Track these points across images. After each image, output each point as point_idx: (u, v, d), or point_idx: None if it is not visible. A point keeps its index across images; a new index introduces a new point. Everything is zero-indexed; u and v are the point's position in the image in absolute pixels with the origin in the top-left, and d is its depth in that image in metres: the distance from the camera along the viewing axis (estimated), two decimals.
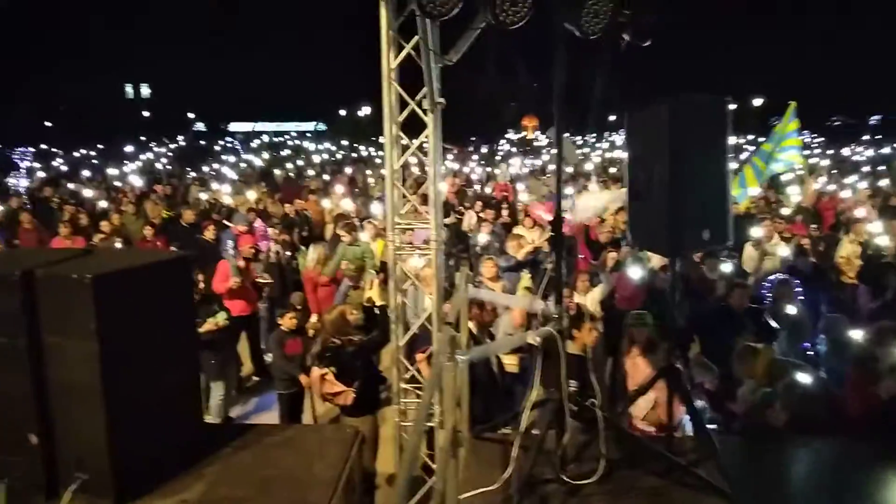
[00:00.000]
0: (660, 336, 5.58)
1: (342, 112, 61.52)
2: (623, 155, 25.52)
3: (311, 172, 25.52)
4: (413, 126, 4.93)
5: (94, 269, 2.90)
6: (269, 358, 8.45)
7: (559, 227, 3.35)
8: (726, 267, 8.17)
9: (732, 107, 3.83)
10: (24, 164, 32.59)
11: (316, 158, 34.26)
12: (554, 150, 4.05)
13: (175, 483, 3.15)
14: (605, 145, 40.43)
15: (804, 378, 4.65)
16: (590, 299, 7.21)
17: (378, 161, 30.62)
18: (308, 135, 62.12)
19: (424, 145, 4.89)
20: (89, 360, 2.85)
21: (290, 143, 50.70)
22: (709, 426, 4.12)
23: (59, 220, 11.74)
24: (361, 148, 41.74)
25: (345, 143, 46.53)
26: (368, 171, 23.88)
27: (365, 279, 8.43)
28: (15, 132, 43.82)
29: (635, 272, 7.29)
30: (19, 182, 22.11)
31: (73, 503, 2.90)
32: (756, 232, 9.56)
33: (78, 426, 2.96)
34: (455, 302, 4.06)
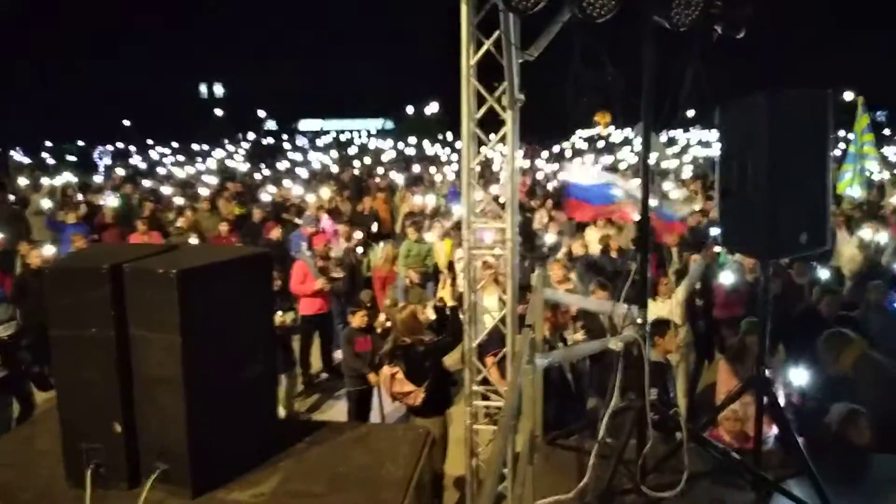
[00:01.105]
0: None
1: (409, 110, 62.05)
2: (702, 153, 24.82)
3: (380, 171, 25.78)
4: (486, 123, 4.86)
5: (179, 264, 2.93)
6: (338, 355, 8.57)
7: (645, 228, 3.21)
8: (816, 272, 7.83)
9: None
10: (103, 162, 34.07)
11: (385, 157, 34.57)
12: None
13: (251, 475, 3.16)
14: (683, 141, 39.18)
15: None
16: (674, 301, 6.96)
17: (443, 159, 30.71)
18: (374, 132, 62.93)
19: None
20: (172, 352, 2.89)
21: (356, 141, 51.39)
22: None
23: (138, 215, 12.24)
24: (428, 145, 41.92)
25: (412, 140, 46.90)
26: (433, 169, 23.98)
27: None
28: (95, 131, 45.84)
29: (727, 276, 7.02)
30: (99, 180, 23.09)
31: (154, 491, 2.94)
32: (865, 233, 9.21)
33: (160, 417, 3.00)
34: (532, 304, 3.96)
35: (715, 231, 9.76)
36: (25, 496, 3.03)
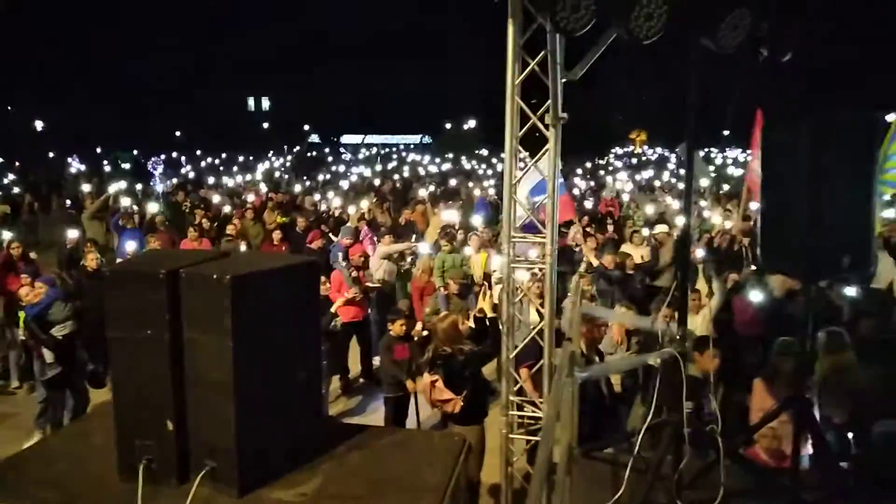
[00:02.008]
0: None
1: (448, 125, 62.38)
2: (738, 172, 24.59)
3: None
4: (524, 141, 4.91)
5: (233, 270, 3.02)
6: (377, 362, 8.70)
7: (686, 245, 3.24)
8: (853, 292, 7.66)
9: None
10: (158, 171, 35.04)
11: (421, 171, 34.86)
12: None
13: (294, 476, 3.22)
14: (719, 161, 38.61)
15: None
16: (702, 317, 6.90)
17: (480, 173, 30.83)
18: (412, 146, 63.47)
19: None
20: (223, 355, 2.97)
21: (395, 155, 51.81)
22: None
23: (189, 223, 12.62)
24: (464, 160, 42.03)
25: (449, 155, 47.02)
26: (471, 184, 24.09)
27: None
28: (148, 141, 47.20)
29: (756, 295, 6.93)
30: (155, 188, 23.77)
31: (202, 488, 3.01)
32: None
33: (209, 417, 3.08)
34: (571, 317, 4.00)
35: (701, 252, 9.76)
36: (79, 489, 3.12)
